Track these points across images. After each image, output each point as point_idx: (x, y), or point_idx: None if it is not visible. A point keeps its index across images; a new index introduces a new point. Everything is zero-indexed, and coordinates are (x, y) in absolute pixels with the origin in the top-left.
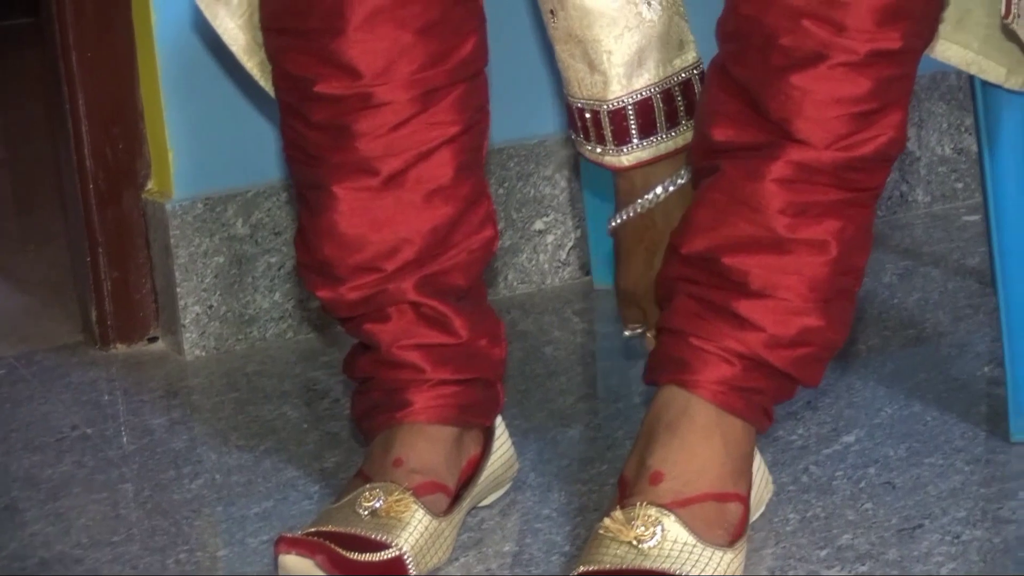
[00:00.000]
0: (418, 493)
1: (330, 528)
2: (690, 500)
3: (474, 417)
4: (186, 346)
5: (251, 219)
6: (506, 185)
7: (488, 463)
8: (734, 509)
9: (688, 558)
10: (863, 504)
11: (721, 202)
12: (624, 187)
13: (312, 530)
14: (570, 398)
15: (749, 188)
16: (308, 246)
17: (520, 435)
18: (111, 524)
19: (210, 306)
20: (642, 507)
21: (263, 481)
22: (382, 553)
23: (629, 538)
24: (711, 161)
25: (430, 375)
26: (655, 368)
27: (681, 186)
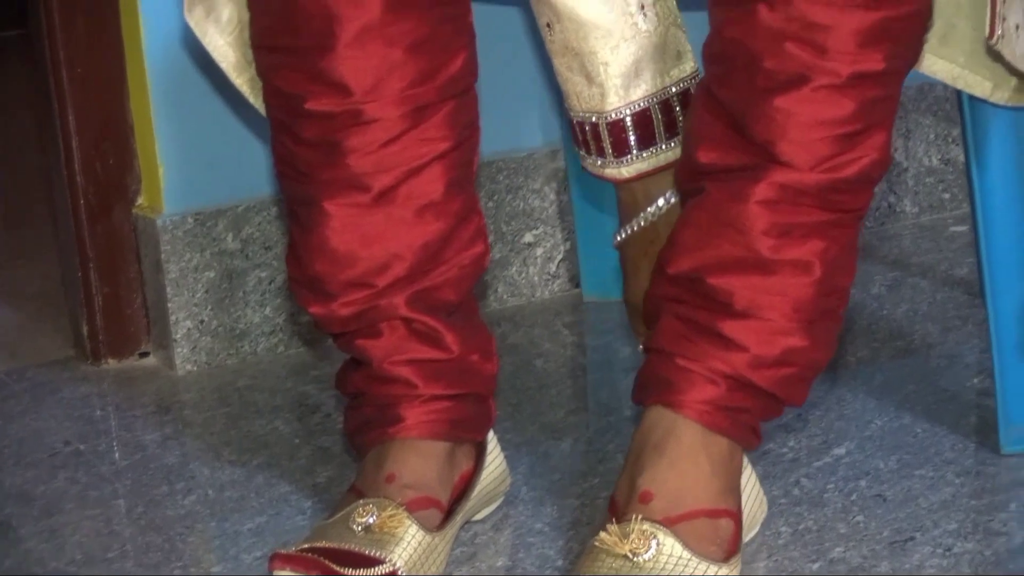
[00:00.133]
0: (411, 508)
1: (324, 544)
2: (681, 517)
3: (466, 432)
4: (177, 361)
5: (241, 234)
6: (495, 198)
7: (480, 478)
8: (725, 525)
9: (683, 571)
10: (855, 517)
11: (706, 223)
12: (626, 200)
13: (306, 546)
14: (561, 411)
15: (734, 209)
16: (300, 262)
17: (512, 449)
18: (105, 541)
19: (201, 321)
20: (636, 522)
21: (256, 496)
22: (376, 569)
23: (624, 551)
24: (696, 183)
25: (422, 390)
26: (642, 388)
27: None
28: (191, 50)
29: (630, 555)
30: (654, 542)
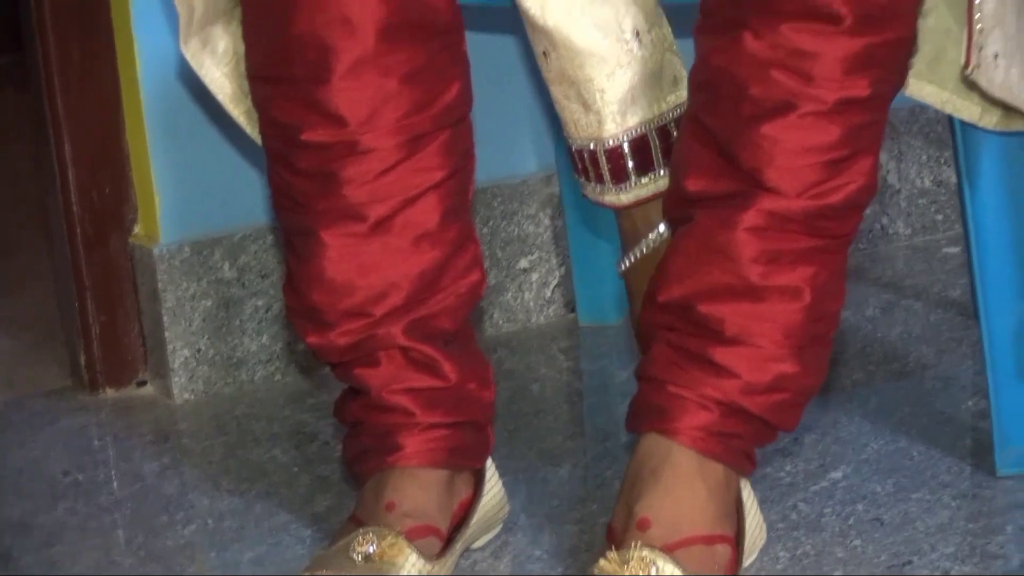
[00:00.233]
0: (411, 537)
1: (325, 573)
2: (679, 544)
3: (465, 460)
4: (175, 390)
5: (238, 262)
6: (490, 224)
7: (479, 505)
8: (722, 551)
9: None
10: (852, 541)
11: (695, 251)
12: (627, 227)
13: (307, 575)
14: (558, 437)
15: (722, 237)
16: (297, 292)
17: (510, 475)
18: (105, 571)
19: (198, 349)
20: (636, 549)
21: (255, 526)
22: None
23: None
24: (685, 211)
25: (420, 419)
26: (636, 417)
27: None
28: (186, 79)
29: None
30: (654, 568)
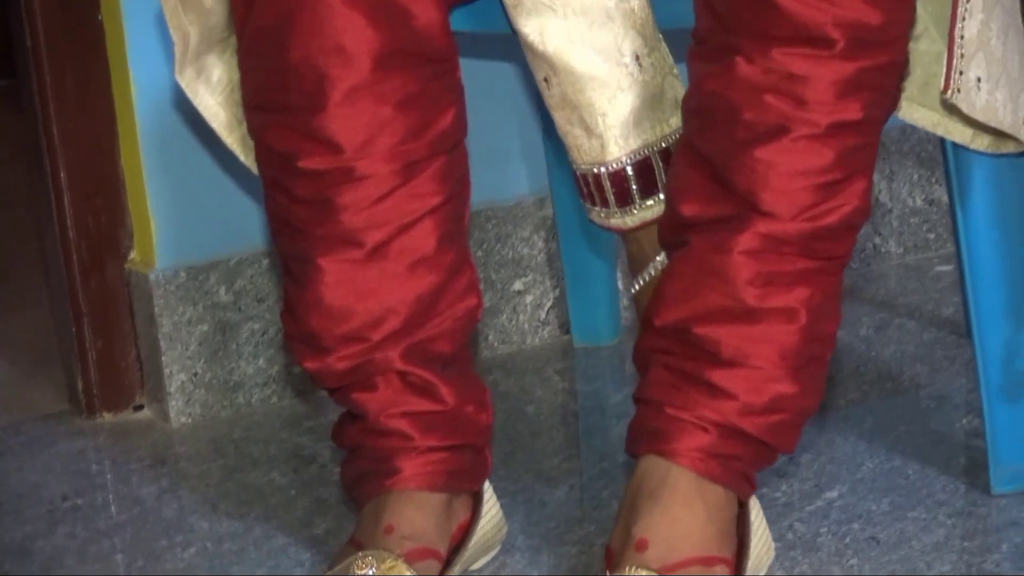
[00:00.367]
0: (410, 559)
1: None
2: (677, 565)
3: (463, 483)
4: (172, 414)
5: (234, 286)
6: (484, 247)
7: (478, 527)
8: (720, 573)
9: None
10: (849, 560)
11: (691, 274)
12: (635, 251)
13: None
14: (555, 458)
15: (718, 260)
16: (295, 318)
17: (507, 497)
18: None
19: (195, 373)
20: (632, 570)
21: (255, 549)
22: None
23: None
24: (680, 235)
25: (418, 442)
26: (634, 440)
27: None
28: (181, 106)
29: None
30: None
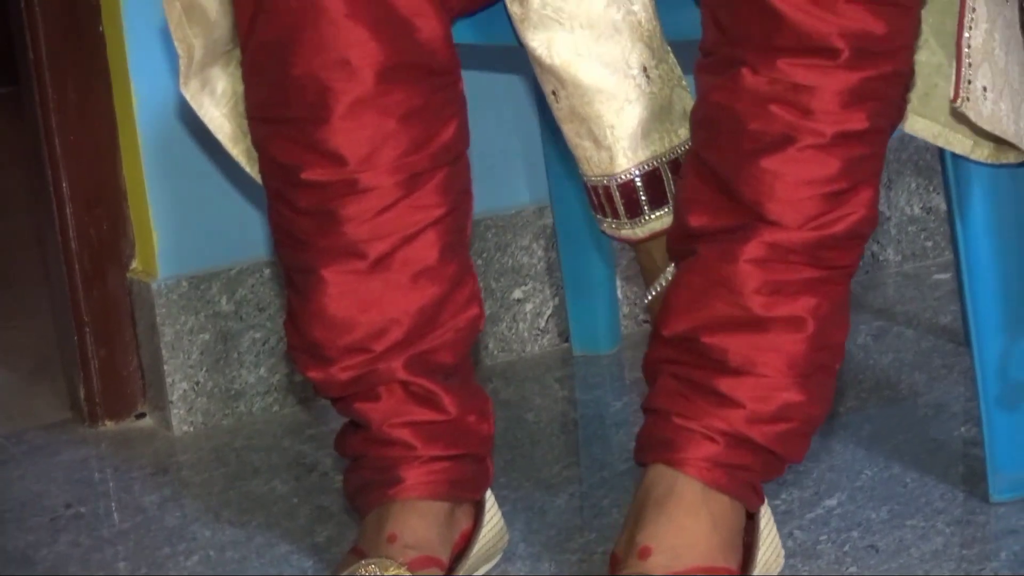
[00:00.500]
0: (413, 568)
1: None
2: (680, 573)
3: (465, 492)
4: (174, 422)
5: (235, 296)
6: (484, 256)
7: (479, 536)
8: None
9: None
10: (848, 568)
11: (698, 284)
12: (646, 262)
13: None
14: (555, 467)
15: (725, 270)
16: (298, 328)
17: (508, 505)
18: None
19: (197, 382)
20: None
21: (257, 557)
22: None
23: None
24: (688, 245)
25: (421, 452)
26: (642, 449)
27: None
28: (182, 115)
29: None
30: None
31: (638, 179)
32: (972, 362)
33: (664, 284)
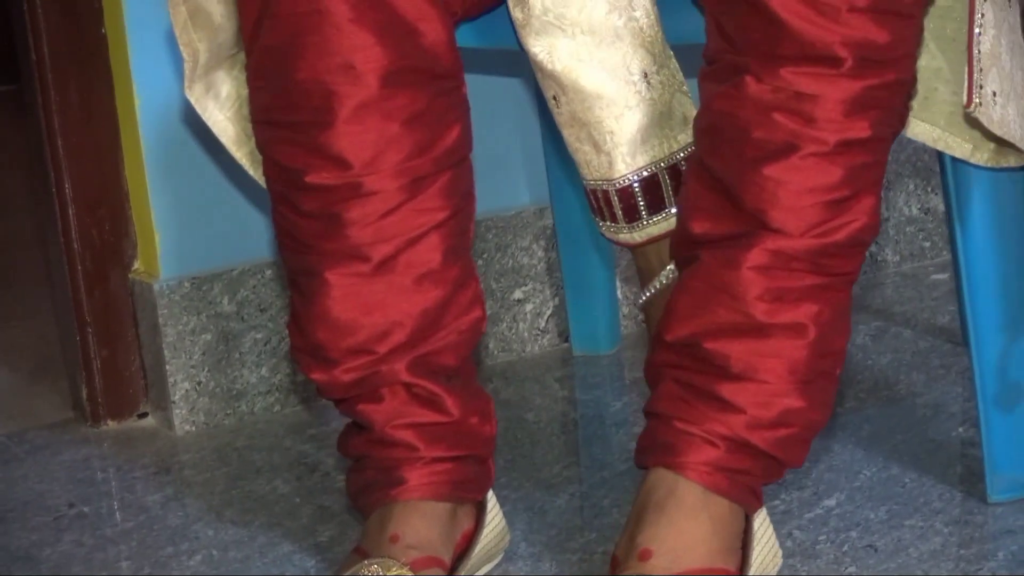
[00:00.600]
0: (415, 568)
1: None
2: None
3: (467, 492)
4: (176, 422)
5: (237, 296)
6: (485, 256)
7: (481, 536)
8: None
9: None
10: (847, 568)
11: (701, 290)
12: (643, 265)
13: None
14: (555, 466)
15: (727, 276)
16: (302, 330)
17: (508, 505)
18: None
19: (199, 382)
20: None
21: (260, 557)
22: None
23: None
24: (691, 251)
25: (424, 453)
26: (643, 452)
27: None
28: (184, 117)
29: None
30: None
31: (636, 184)
32: (970, 362)
33: (659, 286)
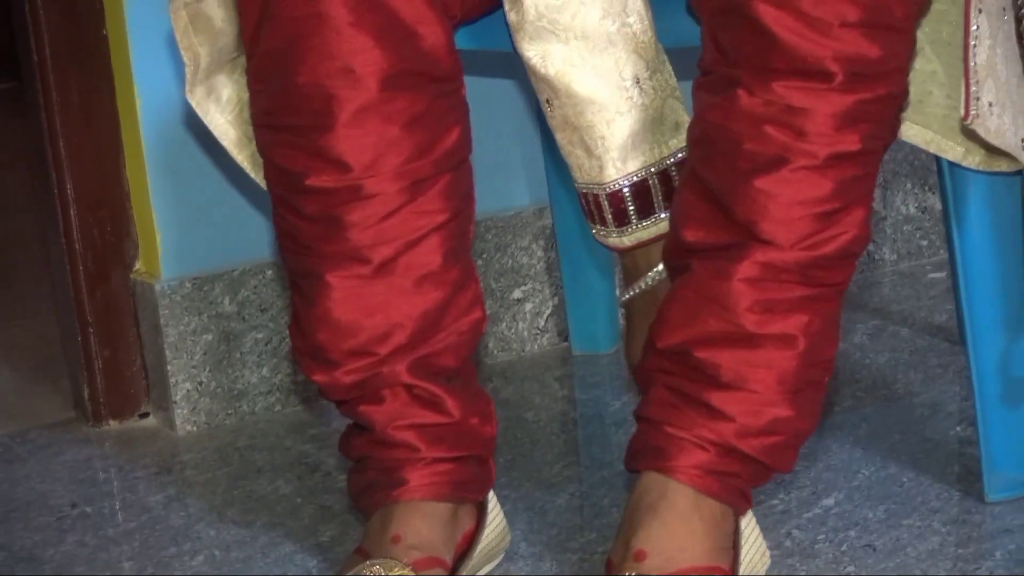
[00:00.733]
0: (417, 568)
1: None
2: (675, 575)
3: (468, 493)
4: (177, 421)
5: (238, 297)
6: (484, 256)
7: (482, 536)
8: None
9: None
10: (845, 568)
11: (692, 300)
12: (629, 265)
13: None
14: (555, 466)
15: (718, 287)
16: (303, 332)
17: (509, 504)
18: None
19: (200, 382)
20: None
21: (262, 557)
22: None
23: None
24: (683, 259)
25: (425, 454)
26: (634, 456)
27: None
28: (185, 118)
29: None
30: None
31: (627, 189)
32: (967, 361)
33: (643, 287)
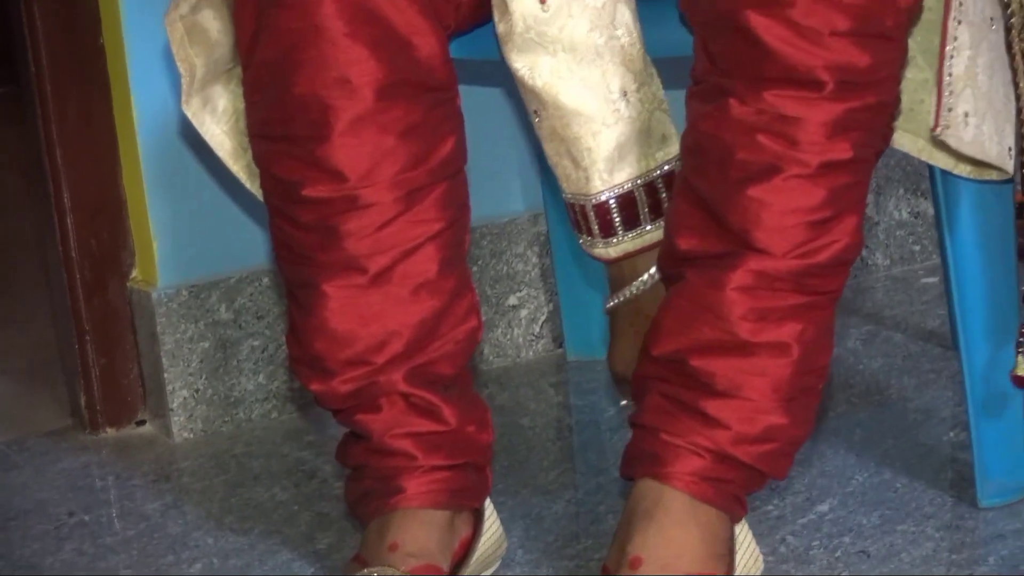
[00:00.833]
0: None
1: None
2: None
3: (465, 500)
4: (174, 429)
5: (234, 304)
6: (479, 263)
7: (479, 543)
8: None
9: None
10: (840, 573)
11: (686, 308)
12: (615, 274)
13: None
14: (551, 472)
15: (712, 296)
16: (300, 342)
17: (505, 511)
18: None
19: (197, 390)
20: None
21: (260, 564)
22: None
23: None
24: (677, 268)
25: (422, 462)
26: (630, 463)
27: None
28: (181, 126)
29: None
30: None
31: (613, 201)
32: (959, 367)
33: (628, 295)
